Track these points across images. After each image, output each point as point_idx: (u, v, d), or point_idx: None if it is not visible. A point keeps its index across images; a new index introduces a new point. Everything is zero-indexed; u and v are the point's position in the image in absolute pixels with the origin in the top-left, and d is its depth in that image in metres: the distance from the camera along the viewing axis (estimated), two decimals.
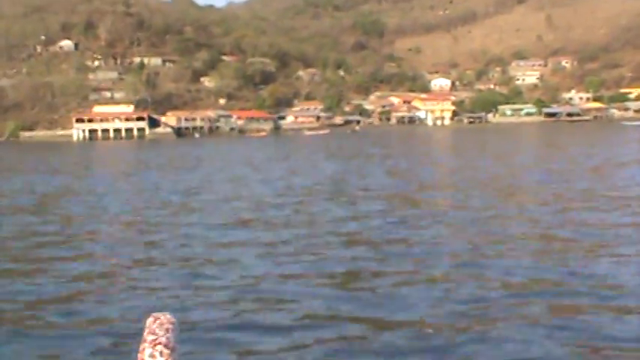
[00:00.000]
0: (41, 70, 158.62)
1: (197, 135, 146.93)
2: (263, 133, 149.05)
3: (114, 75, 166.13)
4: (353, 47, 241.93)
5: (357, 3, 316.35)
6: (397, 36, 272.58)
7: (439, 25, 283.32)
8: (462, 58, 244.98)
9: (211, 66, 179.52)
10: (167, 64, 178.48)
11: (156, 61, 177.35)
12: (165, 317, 3.23)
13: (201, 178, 35.92)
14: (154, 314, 3.23)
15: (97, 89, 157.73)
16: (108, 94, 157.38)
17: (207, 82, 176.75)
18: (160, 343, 3.08)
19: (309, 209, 23.41)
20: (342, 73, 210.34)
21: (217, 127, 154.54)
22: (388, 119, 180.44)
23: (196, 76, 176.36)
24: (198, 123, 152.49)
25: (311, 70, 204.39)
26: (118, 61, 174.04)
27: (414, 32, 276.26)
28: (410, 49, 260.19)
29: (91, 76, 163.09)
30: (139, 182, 37.06)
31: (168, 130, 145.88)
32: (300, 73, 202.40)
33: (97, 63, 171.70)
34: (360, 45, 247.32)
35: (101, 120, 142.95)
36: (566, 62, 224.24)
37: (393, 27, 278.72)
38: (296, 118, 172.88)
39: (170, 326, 3.16)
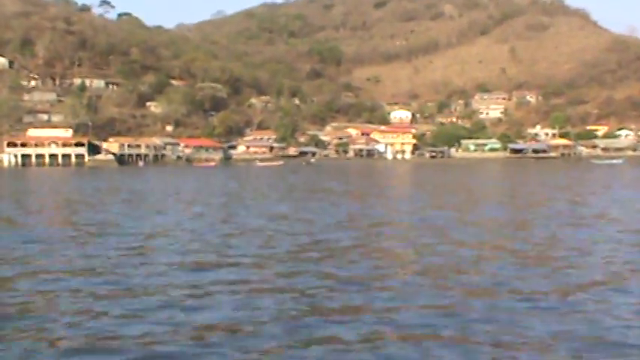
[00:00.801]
0: None
1: (141, 163, 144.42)
2: (212, 163, 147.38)
3: (52, 96, 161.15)
4: (308, 75, 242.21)
5: (313, 30, 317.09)
6: (355, 65, 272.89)
7: (399, 54, 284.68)
8: (422, 89, 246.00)
9: (158, 90, 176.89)
10: (110, 86, 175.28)
11: (98, 83, 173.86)
12: None
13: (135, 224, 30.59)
14: None
15: (32, 111, 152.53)
16: (44, 117, 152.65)
17: (153, 107, 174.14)
18: None
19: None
20: (296, 101, 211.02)
21: (163, 156, 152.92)
22: (345, 152, 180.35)
23: (142, 100, 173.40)
24: (143, 150, 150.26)
25: (264, 98, 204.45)
26: (57, 82, 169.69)
27: (373, 61, 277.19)
28: (368, 79, 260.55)
29: (26, 96, 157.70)
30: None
31: (110, 157, 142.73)
32: (253, 100, 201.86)
33: (33, 83, 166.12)
34: (316, 73, 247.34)
35: (36, 144, 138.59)
36: (531, 97, 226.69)
37: (350, 55, 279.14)
38: (248, 147, 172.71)
39: None
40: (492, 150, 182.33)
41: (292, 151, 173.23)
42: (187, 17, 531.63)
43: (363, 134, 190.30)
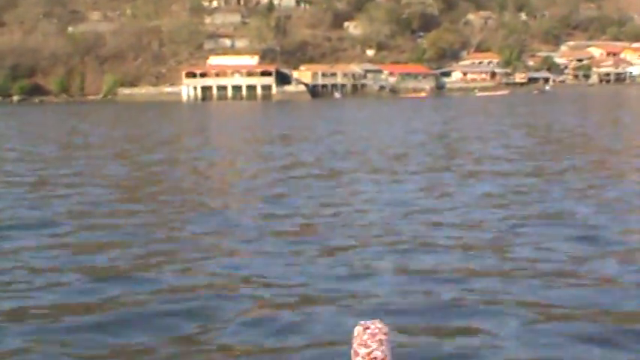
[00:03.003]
0: (148, 11, 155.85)
1: (337, 95, 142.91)
2: (423, 94, 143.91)
3: (236, 18, 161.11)
4: None
5: None
6: None
7: None
8: None
9: (357, 7, 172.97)
10: (302, 4, 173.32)
11: (288, 1, 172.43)
12: (377, 326, 3.52)
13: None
14: (363, 322, 3.53)
15: (213, 36, 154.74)
16: (227, 43, 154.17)
17: (351, 27, 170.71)
18: (375, 358, 3.45)
19: None
20: (523, 16, 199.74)
21: (363, 86, 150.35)
22: (587, 76, 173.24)
23: (338, 20, 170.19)
24: (339, 80, 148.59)
25: (484, 13, 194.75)
26: (242, 2, 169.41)
27: None
28: None
29: (207, 19, 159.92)
30: None
31: (301, 88, 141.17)
32: (470, 16, 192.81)
33: (215, 3, 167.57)
34: None
35: (217, 75, 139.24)
36: None
37: None
38: (464, 74, 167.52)
39: (383, 337, 3.55)
40: None
41: (519, 77, 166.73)
42: None
43: (608, 54, 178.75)
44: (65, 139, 46.66)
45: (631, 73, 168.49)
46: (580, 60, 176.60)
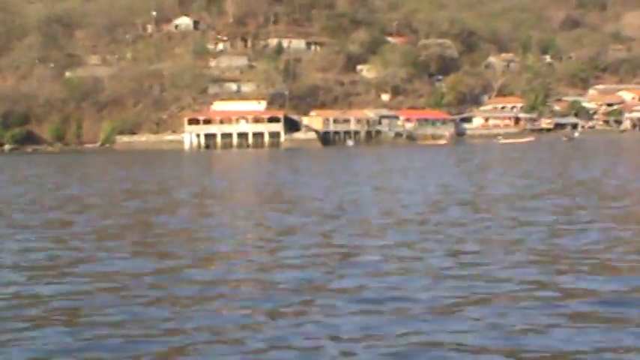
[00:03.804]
0: (149, 55, 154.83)
1: (350, 142, 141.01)
2: (442, 141, 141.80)
3: (242, 62, 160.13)
4: (563, 24, 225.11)
5: None
6: (625, 8, 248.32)
7: None
8: None
9: (371, 50, 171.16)
10: (313, 47, 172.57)
11: (298, 43, 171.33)
12: None
13: None
14: None
15: (218, 80, 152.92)
16: (233, 87, 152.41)
17: (365, 71, 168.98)
18: None
19: None
20: (548, 59, 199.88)
21: (378, 132, 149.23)
22: (618, 122, 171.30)
23: (351, 63, 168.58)
24: (353, 126, 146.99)
25: (506, 56, 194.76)
26: (249, 44, 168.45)
27: None
28: None
29: (212, 62, 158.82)
30: None
31: (311, 135, 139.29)
32: (492, 59, 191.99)
33: (221, 46, 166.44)
34: (573, 21, 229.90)
35: (221, 121, 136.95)
36: None
37: None
38: (486, 120, 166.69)
39: None
40: None
41: (545, 123, 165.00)
42: None
43: None
44: None
45: None
46: (610, 104, 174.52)
